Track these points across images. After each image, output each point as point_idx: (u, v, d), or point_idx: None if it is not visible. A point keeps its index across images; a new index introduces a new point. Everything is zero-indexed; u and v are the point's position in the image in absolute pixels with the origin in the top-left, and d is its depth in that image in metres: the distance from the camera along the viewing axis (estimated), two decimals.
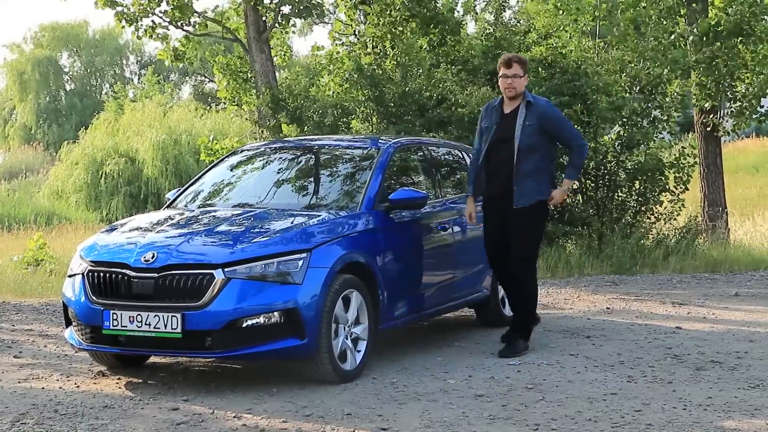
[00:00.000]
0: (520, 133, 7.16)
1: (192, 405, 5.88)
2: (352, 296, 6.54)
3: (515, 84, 7.24)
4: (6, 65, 53.15)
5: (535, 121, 7.17)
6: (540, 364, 7.03)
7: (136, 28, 16.00)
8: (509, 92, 7.27)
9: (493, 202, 7.39)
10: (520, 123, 7.18)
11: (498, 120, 7.32)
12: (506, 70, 7.26)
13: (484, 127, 7.41)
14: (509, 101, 7.33)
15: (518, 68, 7.25)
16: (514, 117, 7.24)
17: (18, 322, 9.13)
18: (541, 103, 7.37)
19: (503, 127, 7.28)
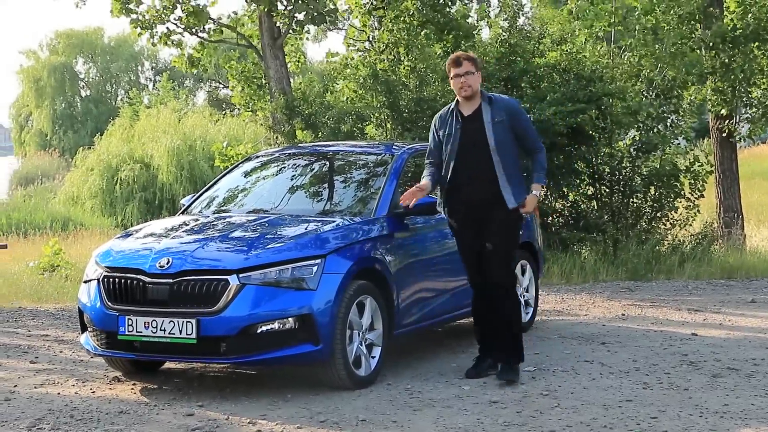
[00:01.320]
0: (492, 132, 6.56)
1: (207, 411, 5.89)
2: (367, 302, 6.54)
3: (470, 81, 6.60)
4: (22, 72, 53.42)
5: (505, 117, 6.59)
6: (555, 370, 7.01)
7: (151, 34, 16.06)
8: (465, 91, 6.62)
9: (469, 211, 6.67)
10: (488, 121, 6.57)
11: (459, 124, 6.66)
12: (456, 69, 6.63)
13: (443, 136, 6.70)
14: (466, 102, 6.68)
15: (469, 65, 6.62)
16: (479, 117, 6.62)
17: (34, 327, 9.17)
18: (505, 98, 6.85)
19: (468, 129, 6.62)
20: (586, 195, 13.86)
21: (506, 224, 6.65)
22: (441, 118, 6.79)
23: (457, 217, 6.75)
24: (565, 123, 12.76)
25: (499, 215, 6.60)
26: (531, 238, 8.91)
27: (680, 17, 15.08)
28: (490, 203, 6.60)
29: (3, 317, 9.69)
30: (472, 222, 6.68)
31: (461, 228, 6.77)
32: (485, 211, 6.62)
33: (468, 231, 6.72)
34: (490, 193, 6.58)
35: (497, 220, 6.60)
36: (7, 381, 6.76)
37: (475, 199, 6.63)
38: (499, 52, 13.61)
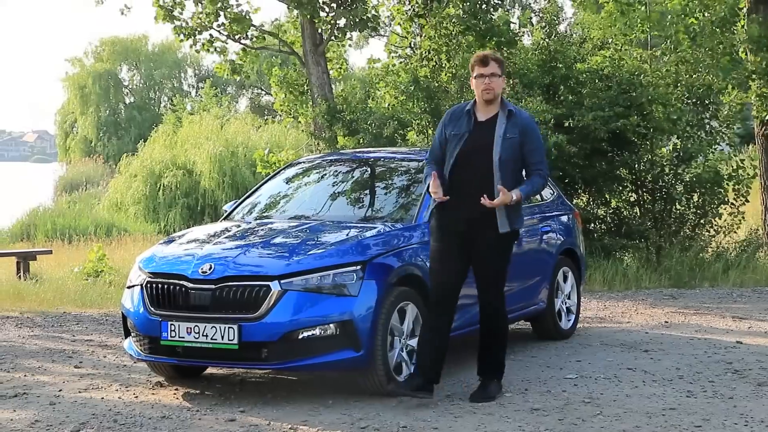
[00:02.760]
0: (499, 146, 6.15)
1: (248, 416, 5.92)
2: (408, 308, 6.54)
3: (493, 84, 6.21)
4: (67, 79, 54.06)
5: (517, 135, 6.18)
6: (597, 378, 6.95)
7: (194, 41, 16.23)
8: (487, 94, 6.22)
9: (458, 226, 6.22)
10: (500, 134, 6.16)
11: (471, 128, 6.25)
12: (482, 68, 6.22)
13: (450, 134, 6.27)
14: (485, 107, 6.28)
15: (496, 67, 6.23)
16: (492, 126, 6.22)
17: (78, 332, 9.27)
18: (525, 115, 6.37)
19: (477, 136, 6.21)
20: (628, 201, 13.78)
21: (497, 247, 6.24)
22: (453, 115, 6.37)
23: (442, 224, 6.28)
24: (607, 128, 12.69)
25: (490, 237, 6.18)
26: (573, 245, 8.86)
27: (713, 22, 14.94)
28: (482, 222, 6.16)
29: (48, 322, 9.81)
30: (458, 238, 6.23)
31: (442, 236, 6.27)
32: (475, 231, 6.19)
33: (448, 242, 6.24)
34: (483, 211, 6.12)
35: (487, 241, 6.19)
36: (52, 385, 6.84)
37: (466, 215, 6.17)
38: (539, 59, 13.58)
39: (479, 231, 6.17)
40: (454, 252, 6.24)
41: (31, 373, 7.29)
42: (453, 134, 6.27)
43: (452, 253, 6.25)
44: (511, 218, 6.22)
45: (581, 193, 13.62)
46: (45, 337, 8.99)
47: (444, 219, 6.26)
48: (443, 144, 6.33)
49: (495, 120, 6.24)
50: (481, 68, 6.23)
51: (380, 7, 17.21)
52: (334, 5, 15.49)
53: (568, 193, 12.77)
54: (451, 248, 6.24)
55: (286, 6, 15.83)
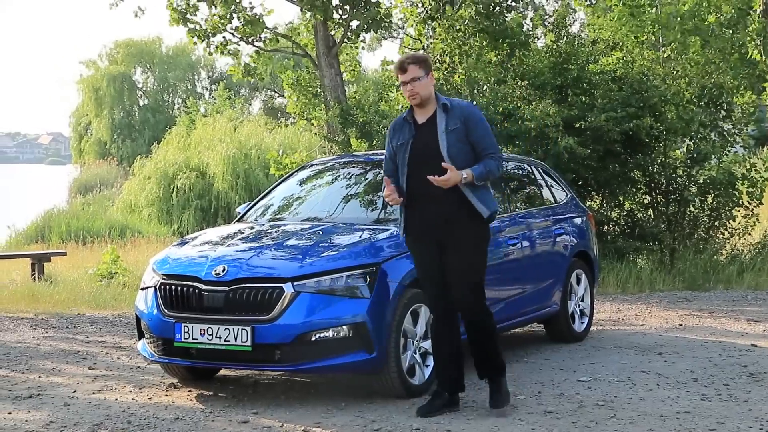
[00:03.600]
0: (445, 141, 5.92)
1: (261, 418, 5.93)
2: (421, 311, 6.54)
3: (417, 88, 5.95)
4: (82, 81, 54.28)
5: (460, 125, 5.95)
6: (611, 380, 6.93)
7: (208, 44, 16.28)
8: (413, 100, 6.00)
9: (427, 231, 6.02)
10: (441, 130, 5.94)
11: (413, 133, 6.05)
12: (402, 75, 5.98)
13: (397, 145, 6.07)
14: (419, 109, 6.05)
15: (416, 69, 5.95)
16: (432, 125, 6.00)
17: (92, 333, 9.30)
18: (463, 104, 6.13)
19: (422, 139, 6.00)
20: (642, 204, 13.74)
21: (471, 242, 5.99)
22: (395, 127, 6.16)
23: (415, 236, 6.09)
24: (620, 130, 12.67)
25: (462, 233, 5.95)
26: (586, 247, 8.85)
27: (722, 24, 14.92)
28: (450, 221, 5.95)
29: (62, 323, 9.85)
30: (431, 243, 6.02)
31: (419, 248, 6.09)
32: (445, 231, 5.97)
33: (427, 253, 6.04)
34: (449, 209, 5.93)
35: (459, 238, 5.95)
36: (66, 386, 6.87)
37: (431, 217, 5.98)
38: (550, 61, 13.57)
39: (450, 228, 5.95)
40: (436, 261, 6.01)
41: (46, 374, 7.32)
42: (399, 144, 6.07)
43: (434, 263, 6.02)
44: (485, 202, 5.98)
45: (594, 195, 13.59)
46: (59, 338, 9.02)
47: (416, 231, 6.06)
48: (393, 157, 6.12)
49: (434, 118, 6.02)
50: (401, 75, 6.01)
51: (393, 9, 17.22)
52: (347, 7, 15.50)
53: (581, 195, 12.75)
54: (432, 258, 6.02)
55: (300, 8, 15.85)
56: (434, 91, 6.07)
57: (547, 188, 8.91)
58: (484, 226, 6.07)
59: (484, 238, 6.10)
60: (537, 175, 8.91)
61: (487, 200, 6.03)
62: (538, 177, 8.91)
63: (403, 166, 6.02)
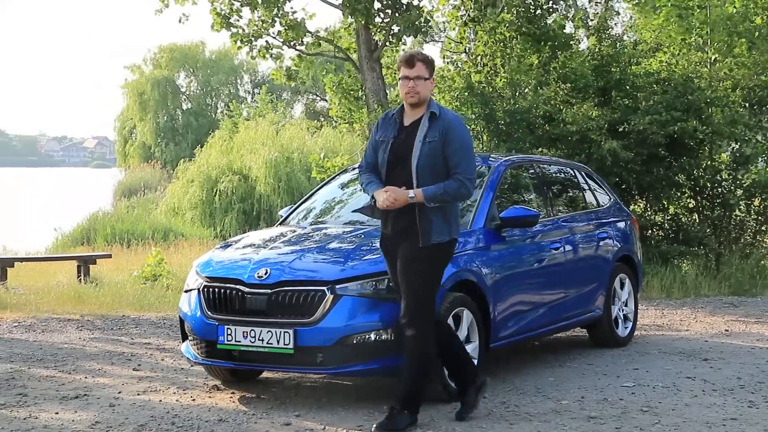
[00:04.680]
0: (418, 151, 5.73)
1: (304, 420, 5.94)
2: (463, 314, 6.52)
3: (419, 88, 5.78)
4: (127, 86, 54.81)
5: (438, 137, 5.73)
6: (655, 386, 6.87)
7: (250, 48, 16.37)
8: (411, 98, 5.80)
9: (387, 239, 5.91)
10: (419, 139, 5.73)
11: (395, 133, 5.88)
12: (408, 70, 5.80)
13: (378, 140, 5.92)
14: (411, 110, 5.87)
15: (423, 68, 5.79)
16: (415, 130, 5.81)
17: (137, 335, 9.38)
18: (449, 116, 5.85)
19: (400, 142, 5.83)
20: (686, 208, 13.61)
21: (416, 263, 5.71)
22: (384, 120, 6.00)
23: (386, 248, 5.94)
24: (665, 132, 12.56)
25: (410, 251, 5.73)
26: (630, 251, 8.78)
27: None
28: (402, 235, 5.77)
29: (108, 325, 9.95)
30: (391, 250, 5.88)
31: (388, 257, 5.94)
32: (398, 240, 5.80)
33: (390, 258, 5.92)
34: (405, 222, 5.75)
35: (407, 257, 5.74)
36: (112, 387, 6.93)
37: (394, 223, 5.81)
38: (591, 64, 13.49)
39: (401, 243, 5.78)
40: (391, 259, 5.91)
41: (92, 375, 7.40)
42: (380, 140, 5.91)
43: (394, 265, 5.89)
44: (431, 229, 5.70)
45: (638, 199, 13.48)
46: (105, 339, 9.12)
47: (382, 237, 5.94)
48: (375, 150, 5.95)
49: (418, 124, 5.83)
50: (407, 70, 5.81)
51: (435, 13, 17.21)
52: (389, 11, 15.52)
53: (625, 199, 12.65)
54: (391, 260, 5.91)
55: (341, 12, 15.90)
56: (430, 97, 5.90)
57: (590, 192, 8.86)
58: (430, 251, 5.72)
59: (426, 264, 5.72)
60: (580, 178, 8.86)
61: (435, 228, 5.72)
62: (581, 181, 8.86)
63: (383, 165, 5.87)
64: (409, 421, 5.71)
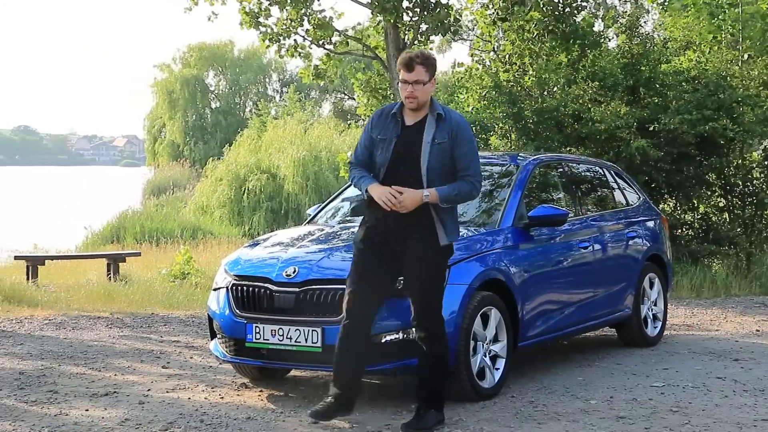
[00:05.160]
0: (428, 153, 5.64)
1: (332, 419, 5.94)
2: (491, 313, 6.51)
3: (417, 93, 5.64)
4: (156, 85, 55.11)
5: (447, 139, 5.66)
6: (685, 386, 6.82)
7: (279, 47, 16.39)
8: (410, 103, 5.68)
9: (388, 239, 5.74)
10: (428, 140, 5.65)
11: (398, 132, 5.73)
12: (407, 74, 5.64)
13: (377, 138, 5.75)
14: (409, 111, 5.77)
15: (422, 72, 5.63)
16: (419, 131, 5.70)
17: (166, 333, 9.44)
18: (456, 117, 5.77)
19: (404, 142, 5.70)
20: (717, 207, 13.51)
21: (431, 262, 5.72)
22: (379, 118, 5.82)
23: (372, 241, 5.77)
24: (695, 132, 12.48)
25: (423, 252, 5.68)
26: (659, 250, 8.73)
27: None
28: (413, 236, 5.69)
29: (137, 323, 10.02)
30: (387, 251, 5.74)
31: (370, 253, 5.76)
32: (405, 245, 5.70)
33: (377, 260, 5.75)
34: (415, 224, 5.67)
35: (421, 257, 5.68)
36: (141, 385, 6.98)
37: (396, 227, 5.68)
38: (620, 62, 13.42)
39: (411, 245, 5.67)
40: (376, 265, 5.75)
41: (121, 372, 7.45)
42: (380, 138, 5.75)
43: (378, 272, 5.76)
44: (447, 228, 5.72)
45: (668, 198, 13.40)
46: (134, 337, 9.18)
47: (371, 231, 5.76)
48: (369, 147, 5.81)
49: (423, 124, 5.72)
50: (406, 73, 5.65)
51: (463, 11, 17.16)
52: (418, 9, 15.51)
53: (654, 198, 12.58)
54: (378, 267, 5.75)
55: (370, 11, 15.90)
56: (432, 97, 5.78)
57: (620, 191, 8.81)
58: (440, 252, 5.73)
59: (437, 264, 5.75)
60: (609, 177, 8.82)
61: (449, 227, 5.75)
62: (610, 179, 8.81)
63: (383, 164, 5.71)
64: (437, 419, 5.74)
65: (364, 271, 5.76)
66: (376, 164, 5.76)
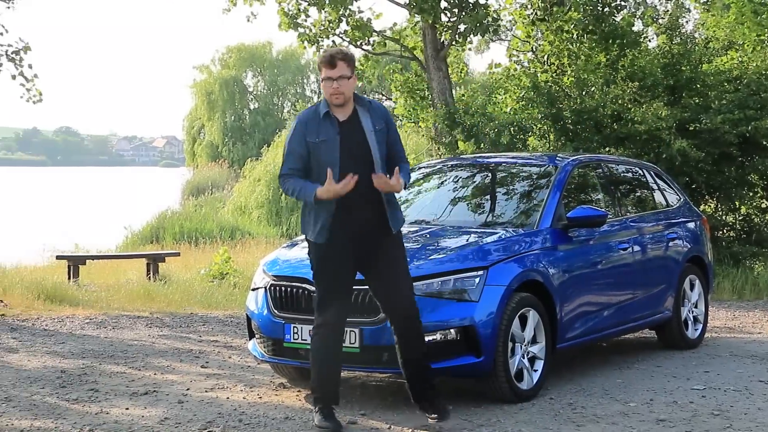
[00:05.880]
0: (375, 141, 5.65)
1: (369, 419, 5.96)
2: (529, 315, 6.48)
3: (342, 88, 5.61)
4: (195, 86, 55.42)
5: (383, 126, 5.70)
6: (726, 389, 6.75)
7: (317, 48, 16.44)
8: (336, 99, 5.63)
9: (357, 239, 5.70)
10: (369, 129, 5.65)
11: (337, 130, 5.66)
12: (330, 71, 5.61)
13: (317, 141, 5.64)
14: (338, 107, 5.69)
15: (345, 67, 5.61)
16: (357, 123, 5.67)
17: (204, 333, 9.50)
18: (380, 105, 5.83)
19: (349, 137, 5.65)
20: (759, 208, 13.35)
21: (399, 247, 5.78)
22: (309, 122, 5.71)
23: (340, 243, 5.67)
24: (737, 132, 12.34)
25: (390, 240, 5.73)
26: (700, 252, 8.65)
27: None
28: (380, 228, 5.71)
29: (176, 322, 10.09)
30: (358, 251, 5.71)
31: (340, 256, 5.68)
32: (376, 238, 5.72)
33: (347, 260, 5.71)
34: (379, 215, 5.69)
35: (390, 245, 5.74)
36: (180, 384, 7.03)
37: (365, 224, 5.68)
38: (660, 62, 13.31)
39: (380, 236, 5.72)
40: (351, 270, 5.75)
41: (161, 371, 7.51)
42: (320, 141, 5.64)
43: (350, 272, 5.75)
44: (398, 216, 5.79)
45: (708, 200, 13.27)
46: (173, 337, 9.24)
47: (342, 237, 5.66)
48: (305, 155, 5.68)
49: (356, 116, 5.70)
50: (329, 70, 5.62)
51: (501, 12, 17.11)
52: (456, 10, 15.48)
53: (695, 199, 12.46)
54: (349, 267, 5.73)
55: (408, 11, 15.90)
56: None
57: (660, 192, 8.74)
58: (397, 238, 5.79)
59: (400, 251, 5.80)
60: (649, 178, 8.75)
61: (398, 215, 5.81)
62: (650, 180, 8.75)
63: (333, 163, 5.59)
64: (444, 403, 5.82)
65: (334, 272, 5.72)
66: (323, 166, 5.60)
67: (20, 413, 6.11)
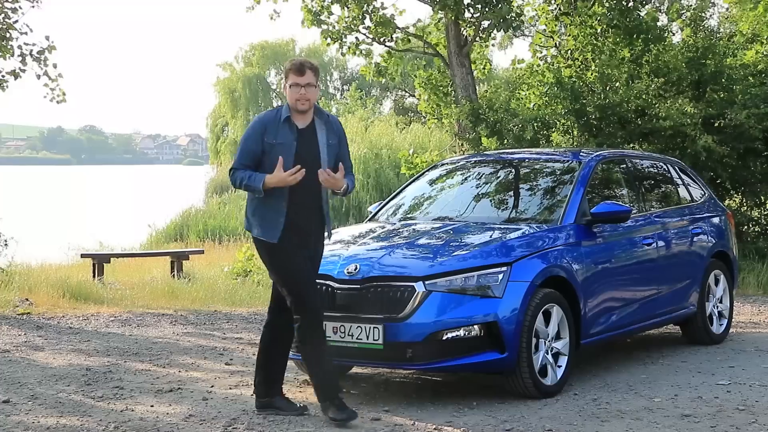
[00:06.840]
0: (326, 154, 5.89)
1: (393, 416, 5.97)
2: (553, 311, 6.47)
3: (309, 95, 5.86)
4: (218, 83, 55.59)
5: (336, 141, 5.97)
6: (752, 384, 6.71)
7: (340, 45, 16.44)
8: (302, 105, 5.85)
9: (304, 240, 5.89)
10: (323, 142, 5.91)
11: (294, 136, 5.86)
12: (298, 77, 5.86)
13: (275, 143, 5.81)
14: (300, 114, 5.90)
15: (312, 76, 5.88)
16: (313, 134, 5.91)
17: (228, 330, 9.54)
18: (336, 120, 6.09)
19: (304, 144, 5.86)
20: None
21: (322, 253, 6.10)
22: (269, 124, 5.89)
23: (291, 243, 5.84)
24: (762, 126, 12.25)
25: (321, 246, 6.06)
26: (725, 247, 8.59)
27: None
28: (319, 232, 6.00)
29: (200, 320, 10.14)
30: (303, 247, 5.90)
31: (295, 254, 5.86)
32: (314, 242, 5.98)
33: (303, 260, 5.87)
34: (319, 219, 5.97)
35: (320, 250, 6.04)
36: (205, 381, 7.06)
37: (309, 225, 5.93)
38: (686, 57, 13.22)
39: (319, 239, 6.02)
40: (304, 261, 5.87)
41: (185, 369, 7.55)
42: (278, 143, 5.82)
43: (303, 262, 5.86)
44: (331, 225, 6.12)
45: (733, 195, 13.18)
46: (197, 334, 9.29)
47: (295, 238, 5.84)
48: (259, 154, 5.85)
49: (313, 126, 5.93)
50: (297, 77, 5.86)
51: (525, 7, 17.05)
52: (479, 6, 15.44)
53: (720, 194, 12.38)
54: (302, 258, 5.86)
55: (431, 8, 15.86)
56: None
57: (684, 187, 8.70)
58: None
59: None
60: (673, 173, 8.71)
61: (330, 223, 6.11)
62: (675, 175, 8.70)
63: (285, 167, 5.75)
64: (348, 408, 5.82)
65: (302, 268, 5.85)
66: (275, 167, 5.75)
67: (46, 411, 6.16)
